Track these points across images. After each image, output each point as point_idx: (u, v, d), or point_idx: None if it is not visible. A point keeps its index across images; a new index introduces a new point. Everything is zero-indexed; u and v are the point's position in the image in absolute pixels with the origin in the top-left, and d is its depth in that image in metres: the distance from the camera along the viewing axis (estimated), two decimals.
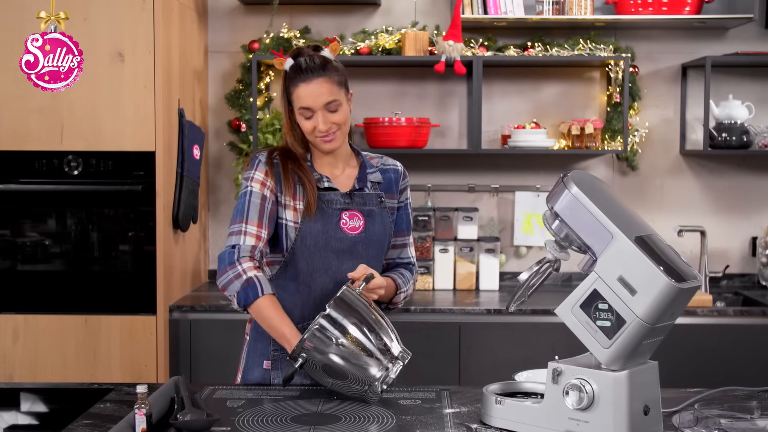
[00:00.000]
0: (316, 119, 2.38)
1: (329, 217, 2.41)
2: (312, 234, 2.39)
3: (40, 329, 3.72)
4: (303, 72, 2.37)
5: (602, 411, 1.89)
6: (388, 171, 2.56)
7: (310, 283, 2.42)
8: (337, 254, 2.40)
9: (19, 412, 2.53)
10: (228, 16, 4.45)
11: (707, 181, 4.43)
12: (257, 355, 2.48)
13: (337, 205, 2.42)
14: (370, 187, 2.49)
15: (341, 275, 2.40)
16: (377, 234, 2.45)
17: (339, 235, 2.40)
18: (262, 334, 2.44)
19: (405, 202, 2.58)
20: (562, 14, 4.17)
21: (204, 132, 4.22)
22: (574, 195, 1.93)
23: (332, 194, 2.43)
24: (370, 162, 2.54)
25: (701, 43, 4.37)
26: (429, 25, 4.37)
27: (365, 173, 2.50)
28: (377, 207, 2.47)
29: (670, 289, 1.82)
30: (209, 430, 2.01)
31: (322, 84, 2.37)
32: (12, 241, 3.76)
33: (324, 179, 2.44)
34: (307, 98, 2.37)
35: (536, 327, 3.79)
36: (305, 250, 2.39)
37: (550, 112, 4.43)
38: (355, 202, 2.44)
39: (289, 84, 2.40)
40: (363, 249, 2.43)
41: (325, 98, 2.37)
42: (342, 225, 2.41)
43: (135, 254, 3.74)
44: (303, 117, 2.40)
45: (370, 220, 2.44)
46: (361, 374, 2.18)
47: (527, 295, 2.11)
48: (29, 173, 3.72)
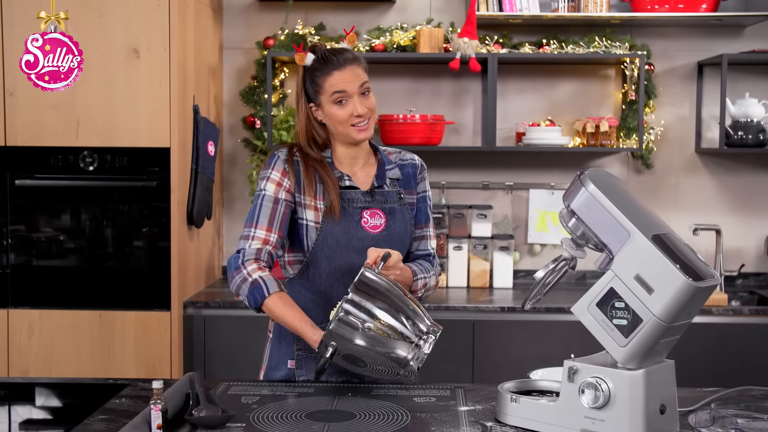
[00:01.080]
0: (353, 104, 2.36)
1: (350, 216, 2.39)
2: (334, 234, 2.37)
3: (56, 324, 3.74)
4: (332, 60, 2.36)
5: (618, 410, 1.88)
6: (406, 166, 2.53)
7: (332, 283, 2.40)
8: (359, 253, 2.37)
9: (34, 407, 2.55)
10: (243, 12, 4.45)
11: (723, 179, 4.41)
12: (281, 354, 2.47)
13: (359, 204, 2.40)
14: (389, 184, 2.46)
15: None
16: (399, 232, 2.43)
17: (361, 234, 2.39)
18: (286, 333, 2.43)
19: (423, 194, 2.54)
20: (578, 11, 4.15)
21: (218, 128, 4.22)
22: (591, 193, 1.92)
23: (353, 193, 2.41)
24: (388, 158, 2.52)
25: (718, 41, 4.35)
26: (444, 22, 4.37)
27: (384, 170, 2.48)
28: (398, 204, 2.45)
29: (687, 288, 1.81)
30: (224, 426, 2.01)
31: (354, 69, 2.37)
32: (27, 237, 3.77)
33: (345, 177, 2.42)
34: (343, 83, 2.35)
35: (550, 325, 3.78)
36: (327, 249, 2.38)
37: (565, 110, 4.42)
38: (376, 200, 2.42)
39: (316, 76, 2.38)
40: (384, 246, 2.38)
41: (360, 80, 2.37)
42: (363, 224, 2.39)
43: (149, 250, 3.75)
44: (336, 105, 2.37)
45: (391, 218, 2.42)
46: (394, 355, 2.14)
47: (543, 293, 2.10)
48: (45, 169, 3.73)
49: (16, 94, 3.68)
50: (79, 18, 3.65)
